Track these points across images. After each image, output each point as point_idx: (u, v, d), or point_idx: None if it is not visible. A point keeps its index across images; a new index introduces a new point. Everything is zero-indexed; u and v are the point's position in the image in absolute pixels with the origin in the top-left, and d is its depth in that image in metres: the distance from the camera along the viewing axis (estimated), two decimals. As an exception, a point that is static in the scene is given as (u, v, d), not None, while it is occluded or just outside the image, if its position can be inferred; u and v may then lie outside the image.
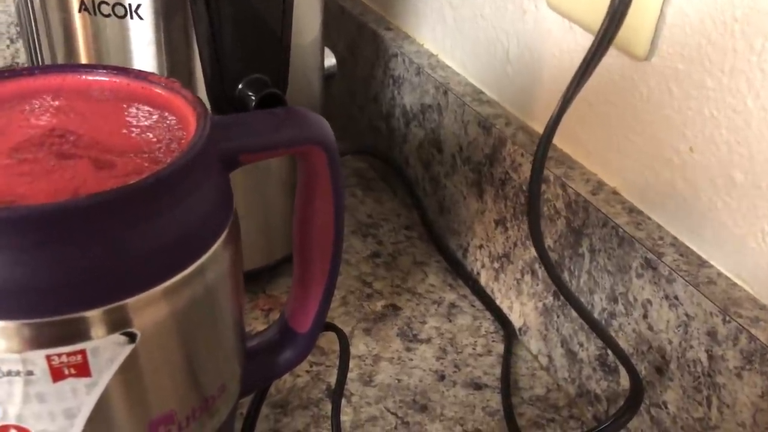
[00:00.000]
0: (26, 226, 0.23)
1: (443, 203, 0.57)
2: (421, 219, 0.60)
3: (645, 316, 0.39)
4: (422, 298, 0.53)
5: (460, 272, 0.55)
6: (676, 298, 0.37)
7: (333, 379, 0.46)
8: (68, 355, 0.25)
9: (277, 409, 0.44)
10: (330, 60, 0.54)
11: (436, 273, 0.56)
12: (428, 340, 0.50)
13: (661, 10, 0.37)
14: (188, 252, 0.27)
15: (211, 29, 0.41)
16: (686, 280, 0.36)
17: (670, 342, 0.38)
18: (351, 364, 0.47)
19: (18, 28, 0.65)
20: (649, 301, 0.39)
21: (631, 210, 0.41)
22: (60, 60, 0.44)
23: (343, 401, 0.44)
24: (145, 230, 0.26)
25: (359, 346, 0.49)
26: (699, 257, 0.38)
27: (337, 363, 0.47)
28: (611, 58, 0.41)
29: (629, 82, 0.41)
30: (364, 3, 0.69)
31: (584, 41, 0.43)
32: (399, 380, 0.46)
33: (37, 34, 0.45)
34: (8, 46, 0.66)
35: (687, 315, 0.37)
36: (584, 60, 0.30)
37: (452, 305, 0.53)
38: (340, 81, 0.71)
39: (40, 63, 0.46)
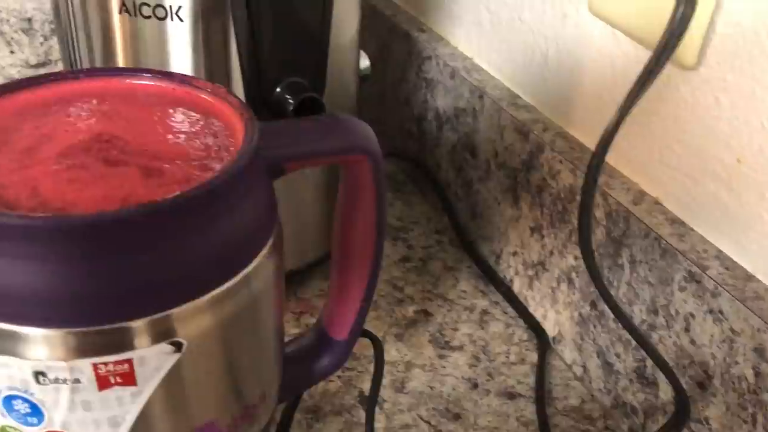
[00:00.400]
0: (77, 236, 0.23)
1: (476, 208, 0.57)
2: (452, 223, 0.59)
3: (687, 330, 0.39)
4: (454, 304, 0.53)
5: (492, 278, 0.55)
6: (720, 312, 0.36)
7: (365, 385, 0.46)
8: (115, 363, 0.25)
9: (309, 414, 0.44)
10: (364, 62, 0.54)
11: (467, 279, 0.55)
12: (460, 348, 0.49)
13: (712, 19, 0.37)
14: (235, 262, 0.27)
15: (251, 31, 0.41)
16: (732, 295, 0.36)
17: (714, 357, 0.37)
18: (383, 370, 0.47)
19: (52, 26, 0.65)
20: (692, 315, 0.38)
21: (674, 221, 0.41)
22: (98, 60, 0.44)
23: (376, 408, 0.44)
24: (193, 240, 0.25)
25: (391, 352, 0.48)
26: (745, 271, 0.37)
27: (369, 368, 0.47)
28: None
29: (674, 91, 0.40)
30: (397, 4, 0.68)
31: (627, 48, 0.43)
32: (432, 387, 0.46)
33: (76, 33, 0.44)
34: (41, 44, 0.66)
35: (732, 330, 0.36)
36: (641, 76, 0.30)
37: (484, 312, 0.52)
38: (370, 82, 0.70)
39: (77, 62, 0.46)
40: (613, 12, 0.42)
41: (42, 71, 0.68)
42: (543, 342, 0.49)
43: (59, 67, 0.68)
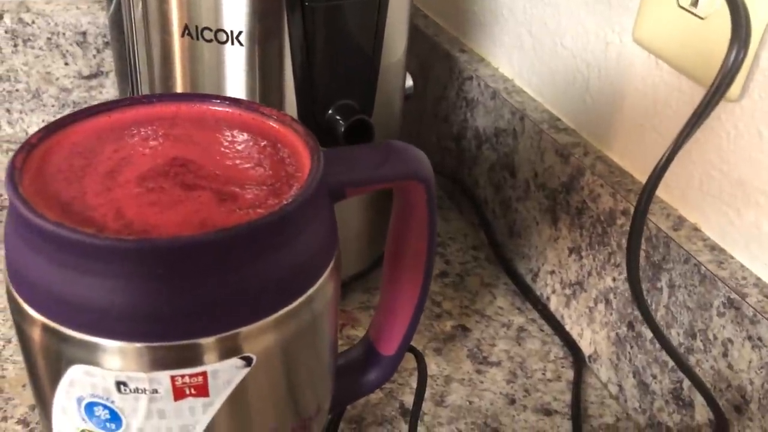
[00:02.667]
0: (161, 258, 0.25)
1: (513, 227, 0.58)
2: (489, 240, 0.61)
3: (725, 355, 0.40)
4: (491, 320, 0.54)
5: (528, 296, 0.56)
6: (759, 339, 0.37)
7: (406, 398, 0.47)
8: (191, 376, 0.27)
9: (352, 424, 0.45)
10: (408, 82, 0.55)
11: (504, 295, 0.57)
12: (498, 363, 0.51)
13: (756, 54, 0.38)
14: (300, 284, 0.29)
15: (307, 56, 0.43)
16: (771, 323, 0.37)
17: (752, 382, 0.38)
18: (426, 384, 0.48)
19: (105, 39, 0.68)
20: (730, 340, 0.39)
21: (713, 248, 0.42)
22: (156, 78, 0.46)
23: (416, 420, 0.45)
24: (264, 263, 0.27)
25: (431, 366, 0.50)
26: (783, 300, 0.38)
27: (409, 381, 0.48)
28: (700, 98, 0.41)
29: (716, 122, 0.41)
30: (438, 24, 0.70)
31: (670, 77, 0.44)
32: (470, 402, 0.47)
33: (136, 51, 0.47)
34: (94, 56, 0.68)
35: (771, 357, 0.37)
36: (693, 115, 0.31)
37: (521, 329, 0.54)
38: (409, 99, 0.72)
39: (136, 78, 0.48)
40: (657, 42, 0.44)
41: (93, 82, 0.70)
42: (579, 360, 0.51)
43: (111, 78, 0.70)
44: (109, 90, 0.71)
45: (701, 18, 0.39)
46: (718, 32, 0.39)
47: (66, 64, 0.68)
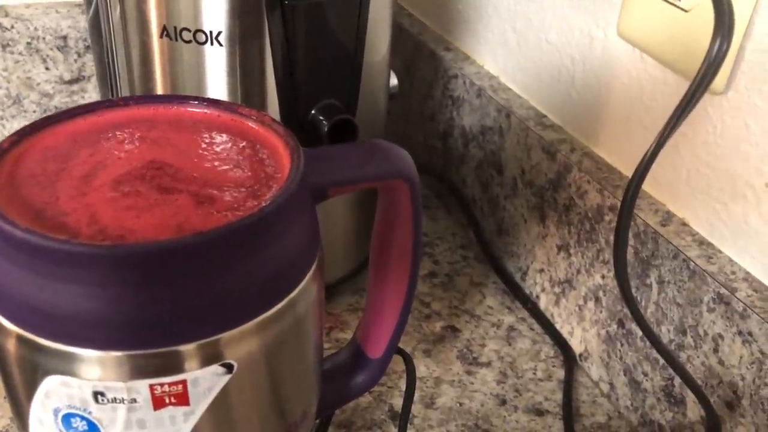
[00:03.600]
0: (138, 264, 0.24)
1: (502, 225, 0.57)
2: (478, 239, 0.60)
3: (716, 351, 0.39)
4: (481, 320, 0.54)
5: (518, 295, 0.56)
6: (750, 334, 0.37)
7: (395, 401, 0.47)
8: (170, 384, 0.26)
9: (341, 429, 0.45)
10: (392, 81, 0.55)
11: (493, 294, 0.56)
12: (488, 364, 0.50)
13: (741, 46, 0.37)
14: (282, 287, 0.28)
15: (287, 54, 0.42)
16: (762, 317, 0.36)
17: (743, 378, 0.38)
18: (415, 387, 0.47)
19: (86, 43, 0.67)
20: (721, 336, 0.39)
21: (702, 242, 0.41)
22: (136, 80, 0.45)
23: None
24: (244, 266, 0.26)
25: (420, 368, 0.49)
26: (773, 293, 0.38)
27: (399, 384, 0.48)
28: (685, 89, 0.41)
29: (703, 115, 0.41)
30: (423, 22, 0.69)
31: (655, 71, 0.43)
32: (461, 404, 0.47)
33: (115, 53, 0.46)
34: (75, 60, 0.68)
35: (762, 352, 0.36)
36: (677, 107, 0.31)
37: (511, 328, 0.53)
38: (395, 98, 0.71)
39: (115, 80, 0.47)
40: (641, 36, 0.43)
41: (75, 87, 0.69)
42: (569, 359, 0.50)
43: (92, 82, 0.69)
44: (91, 94, 0.70)
45: (685, 10, 0.39)
46: (702, 24, 0.38)
47: (47, 68, 0.67)
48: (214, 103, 0.33)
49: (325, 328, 0.52)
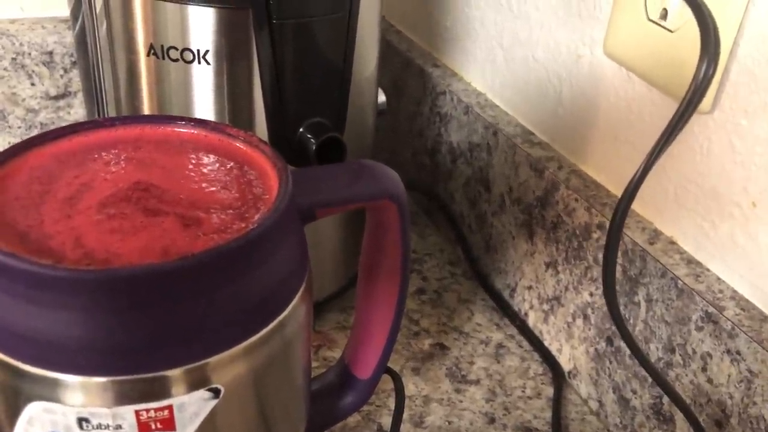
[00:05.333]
0: (123, 288, 0.24)
1: (489, 242, 0.57)
2: (466, 256, 0.60)
3: (704, 369, 0.39)
4: (469, 337, 0.54)
5: (506, 312, 0.56)
6: (738, 353, 0.37)
7: (384, 420, 0.46)
8: (156, 410, 0.26)
9: (329, 449, 0.44)
10: (380, 98, 0.55)
11: (482, 311, 0.56)
12: (477, 381, 0.50)
13: (726, 67, 0.38)
14: (271, 310, 0.28)
15: (276, 74, 0.42)
16: (749, 336, 0.36)
17: (731, 397, 0.38)
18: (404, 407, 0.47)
19: (72, 59, 0.66)
20: (709, 354, 0.39)
21: (690, 261, 0.41)
22: (123, 98, 0.45)
23: (395, 443, 0.45)
24: (232, 290, 0.26)
25: (409, 386, 0.49)
26: (761, 312, 0.38)
27: (387, 402, 0.47)
28: (672, 110, 0.41)
29: (689, 134, 0.41)
30: (411, 39, 0.69)
31: (642, 89, 0.44)
32: (449, 422, 0.47)
33: (102, 70, 0.46)
34: (62, 76, 0.67)
35: (750, 371, 0.36)
36: (668, 126, 0.31)
37: (500, 345, 0.53)
38: (383, 115, 0.71)
39: (102, 97, 0.47)
40: (627, 55, 0.43)
41: (61, 102, 0.69)
42: (558, 376, 0.50)
43: (78, 98, 0.69)
44: (77, 110, 0.70)
45: (671, 31, 0.39)
46: (687, 45, 0.39)
47: (32, 84, 0.67)
48: (201, 123, 0.32)
49: (313, 347, 0.51)
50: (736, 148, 0.38)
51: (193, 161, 0.31)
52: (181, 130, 0.32)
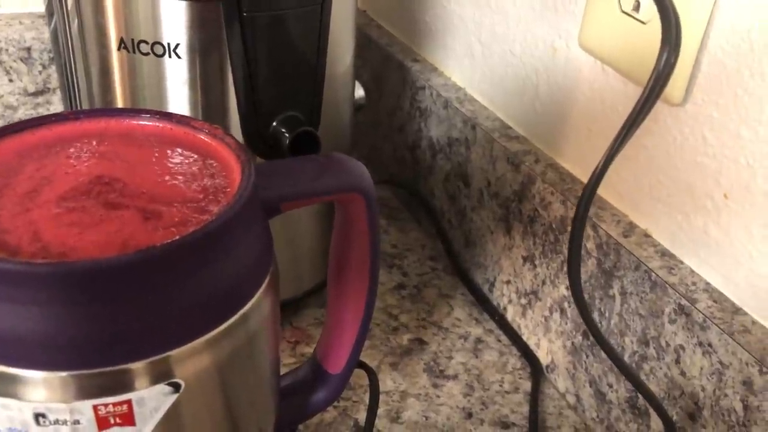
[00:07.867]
0: (78, 282, 0.24)
1: (469, 236, 0.57)
2: (446, 251, 0.60)
3: (677, 362, 0.39)
4: (448, 332, 0.54)
5: (485, 306, 0.55)
6: (710, 345, 0.37)
7: (360, 416, 0.46)
8: (114, 405, 0.26)
9: (305, 445, 0.44)
10: (359, 92, 0.54)
11: (461, 306, 0.56)
12: (455, 377, 0.50)
13: (697, 59, 0.37)
14: (232, 303, 0.27)
15: (248, 68, 0.42)
16: (721, 328, 0.36)
17: (704, 389, 0.38)
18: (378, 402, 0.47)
19: (50, 55, 0.66)
20: (682, 347, 0.39)
21: (663, 254, 0.41)
22: (96, 93, 0.45)
23: (371, 438, 0.44)
24: (191, 283, 0.26)
25: (386, 382, 0.49)
26: (733, 304, 0.38)
27: (364, 398, 0.47)
28: (645, 102, 0.41)
29: (663, 127, 0.41)
30: (391, 34, 0.69)
31: (616, 82, 0.43)
32: (426, 417, 0.46)
33: (74, 66, 0.45)
34: (40, 72, 0.67)
35: (721, 363, 0.36)
36: (630, 116, 0.31)
37: (478, 340, 0.53)
38: (364, 110, 0.71)
39: (75, 93, 0.46)
40: (601, 47, 0.43)
41: (40, 99, 0.68)
42: (536, 370, 0.50)
43: (57, 95, 0.68)
44: (57, 107, 0.69)
45: (643, 22, 0.39)
46: (659, 36, 0.38)
47: (10, 80, 0.66)
48: (166, 116, 0.32)
49: (290, 343, 0.51)
50: (708, 140, 0.38)
51: (157, 154, 0.31)
52: (146, 123, 0.32)
